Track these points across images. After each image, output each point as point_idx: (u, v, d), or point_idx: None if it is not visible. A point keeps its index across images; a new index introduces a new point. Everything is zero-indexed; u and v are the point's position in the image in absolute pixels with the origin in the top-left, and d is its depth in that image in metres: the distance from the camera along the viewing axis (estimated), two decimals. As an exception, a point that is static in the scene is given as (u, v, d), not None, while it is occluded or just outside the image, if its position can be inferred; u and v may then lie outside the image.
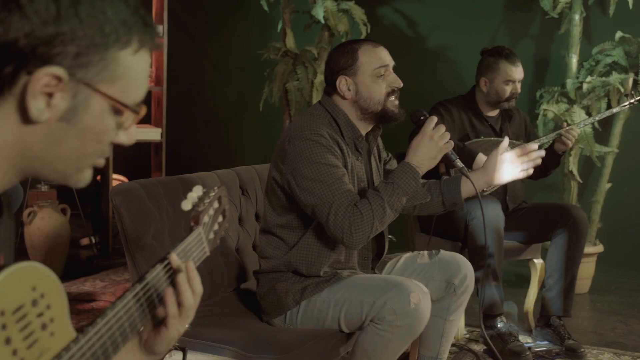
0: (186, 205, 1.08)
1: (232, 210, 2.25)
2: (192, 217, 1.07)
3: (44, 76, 0.76)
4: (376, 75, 1.97)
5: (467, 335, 3.01)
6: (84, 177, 0.86)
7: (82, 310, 3.07)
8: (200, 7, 5.21)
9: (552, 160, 3.03)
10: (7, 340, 0.71)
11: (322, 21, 3.96)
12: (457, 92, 3.32)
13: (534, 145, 2.19)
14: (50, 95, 0.77)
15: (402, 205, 1.88)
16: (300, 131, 1.90)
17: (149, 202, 1.87)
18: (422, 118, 2.01)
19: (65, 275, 3.61)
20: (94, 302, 3.17)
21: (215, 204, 1.14)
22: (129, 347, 1.00)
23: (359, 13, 4.08)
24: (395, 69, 2.14)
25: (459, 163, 2.01)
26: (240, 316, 1.97)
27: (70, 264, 3.77)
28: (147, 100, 4.66)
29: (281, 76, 4.17)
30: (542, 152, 2.16)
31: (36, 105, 0.76)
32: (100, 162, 0.87)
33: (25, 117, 0.77)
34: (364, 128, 2.03)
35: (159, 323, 1.00)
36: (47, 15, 0.75)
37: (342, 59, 1.98)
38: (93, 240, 4.06)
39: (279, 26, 4.22)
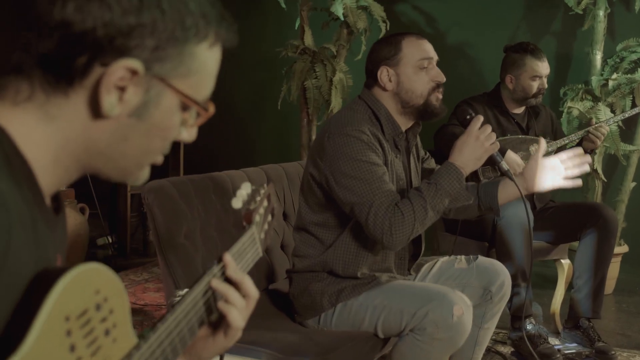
0: (236, 203, 1.03)
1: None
2: (245, 216, 1.02)
3: (120, 69, 0.71)
4: (419, 67, 1.91)
5: (494, 337, 2.95)
6: (143, 175, 0.82)
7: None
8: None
9: None
10: (72, 348, 0.67)
11: (342, 18, 3.91)
12: (477, 89, 3.26)
13: (580, 149, 2.06)
14: (123, 89, 0.72)
15: (445, 207, 1.83)
16: (341, 127, 1.84)
17: (181, 201, 1.83)
18: (467, 117, 1.96)
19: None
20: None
21: (265, 203, 1.09)
22: None
23: (378, 10, 4.03)
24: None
25: (505, 165, 1.95)
26: (272, 317, 1.93)
27: (87, 264, 3.73)
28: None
29: (299, 74, 4.12)
30: (589, 158, 2.04)
31: (109, 100, 0.72)
32: (160, 159, 0.82)
33: (95, 111, 0.72)
34: (404, 124, 1.98)
35: (214, 328, 0.95)
36: (129, 4, 0.70)
37: (384, 49, 1.93)
38: (110, 240, 4.03)
39: (297, 23, 4.18)
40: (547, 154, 2.95)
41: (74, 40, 0.69)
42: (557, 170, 2.01)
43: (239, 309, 0.92)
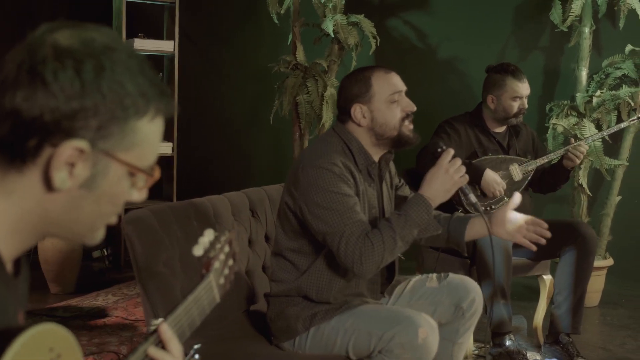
0: (198, 250, 1.10)
1: (242, 233, 2.27)
2: (204, 264, 1.09)
3: (68, 149, 0.79)
4: (390, 101, 1.98)
5: (476, 352, 3.02)
6: (98, 235, 0.89)
7: (94, 327, 3.11)
8: (211, 21, 5.25)
9: (561, 175, 3.04)
10: (25, 403, 0.74)
11: (332, 35, 3.99)
12: (467, 104, 3.33)
13: (545, 224, 2.08)
14: (72, 164, 0.80)
15: (414, 237, 1.90)
16: (314, 159, 1.92)
17: (160, 229, 1.90)
18: (438, 150, 2.03)
19: (78, 290, 3.65)
20: (106, 318, 3.21)
21: (226, 248, 1.16)
22: None
23: (368, 26, 4.10)
24: (405, 81, 2.16)
25: (473, 198, 2.01)
26: (250, 339, 2.00)
27: (82, 277, 3.81)
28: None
29: (291, 89, 4.20)
30: (548, 234, 2.08)
31: (59, 176, 0.80)
32: (114, 220, 0.90)
33: (48, 186, 0.80)
34: (377, 153, 2.05)
35: None
36: (71, 91, 0.78)
37: (355, 87, 2.00)
38: (105, 253, 4.10)
39: (289, 39, 4.25)
40: (527, 172, 3.02)
41: (24, 125, 0.77)
42: (520, 229, 2.07)
43: None
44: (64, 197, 0.82)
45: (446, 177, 1.90)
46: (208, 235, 1.14)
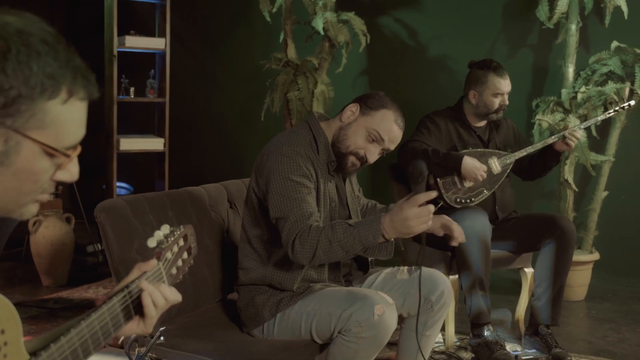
0: (151, 242, 1.19)
1: (219, 223, 2.33)
2: (155, 254, 1.17)
3: None
4: (368, 135, 2.05)
5: (458, 343, 3.06)
6: (28, 211, 0.94)
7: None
8: (203, 19, 5.32)
9: (552, 157, 3.05)
10: (-41, 362, 0.80)
11: (322, 32, 4.04)
12: (456, 100, 3.37)
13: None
14: None
15: (356, 251, 1.88)
16: (280, 146, 1.99)
17: (134, 218, 1.96)
18: (419, 181, 2.09)
19: (70, 282, 3.72)
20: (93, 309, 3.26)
21: (181, 242, 1.24)
22: None
23: (358, 24, 4.15)
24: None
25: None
26: (222, 328, 2.05)
27: (74, 271, 3.88)
28: (151, 110, 4.79)
29: (282, 86, 4.26)
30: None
31: None
32: (44, 198, 0.95)
33: None
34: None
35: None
36: None
37: (371, 100, 2.09)
38: (98, 248, 4.17)
39: (281, 37, 4.31)
40: (506, 165, 3.06)
41: None
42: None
43: (159, 307, 1.11)
44: None
45: (408, 224, 1.82)
46: (163, 229, 1.22)
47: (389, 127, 2.05)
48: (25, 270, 3.84)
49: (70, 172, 0.94)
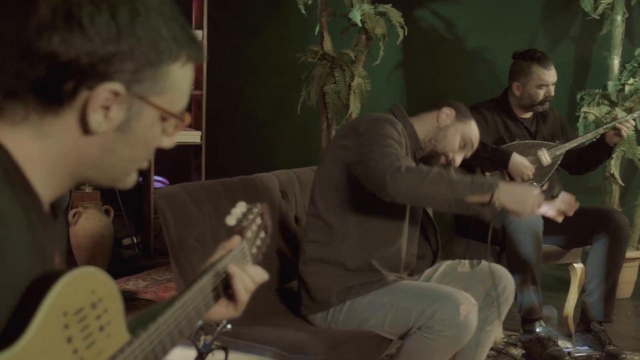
0: (230, 220, 1.14)
1: (273, 213, 2.28)
2: (236, 232, 1.12)
3: (104, 92, 0.80)
4: (463, 144, 2.15)
5: (506, 340, 2.99)
6: (131, 180, 0.92)
7: (125, 310, 3.15)
8: (239, 12, 5.28)
9: (604, 150, 2.98)
10: (69, 339, 0.76)
11: (360, 24, 3.98)
12: (494, 94, 3.30)
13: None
14: (107, 108, 0.81)
15: (462, 196, 1.79)
16: (375, 116, 2.03)
17: (192, 206, 1.92)
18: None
19: (109, 274, 3.70)
20: (136, 301, 3.25)
21: (258, 220, 1.19)
22: None
23: (395, 16, 4.09)
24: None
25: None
26: (282, 316, 2.01)
27: (113, 264, 3.86)
28: (188, 103, 4.73)
29: (318, 79, 4.20)
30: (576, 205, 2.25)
31: (96, 118, 0.81)
32: (145, 165, 0.92)
33: (85, 129, 0.82)
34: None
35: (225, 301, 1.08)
36: (107, 35, 0.79)
37: (463, 108, 2.19)
38: (135, 240, 4.15)
39: (317, 29, 4.26)
40: (556, 157, 2.99)
41: (61, 68, 0.79)
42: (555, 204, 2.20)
43: (249, 289, 1.08)
44: (99, 140, 0.83)
45: (528, 197, 1.83)
46: (240, 207, 1.18)
47: (478, 137, 2.19)
48: (65, 262, 3.83)
49: (172, 138, 0.91)
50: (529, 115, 3.07)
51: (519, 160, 2.83)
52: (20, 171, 0.80)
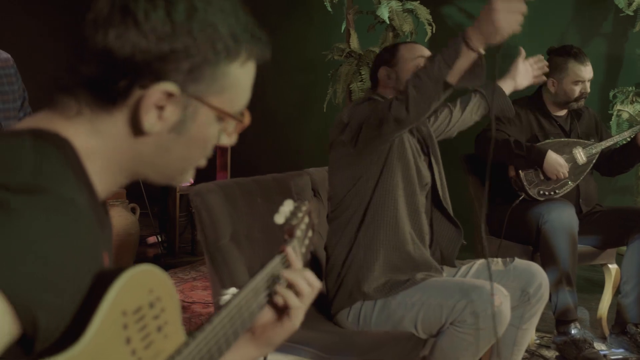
0: (279, 218, 1.10)
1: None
2: (286, 230, 1.09)
3: (157, 92, 0.77)
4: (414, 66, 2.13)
5: (538, 341, 2.94)
6: (187, 177, 0.88)
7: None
8: (260, 9, 5.25)
9: (636, 153, 2.92)
10: (128, 340, 0.73)
11: (388, 21, 3.94)
12: (523, 91, 3.24)
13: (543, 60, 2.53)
14: (161, 108, 0.78)
15: (444, 76, 1.73)
16: (352, 103, 2.09)
17: (227, 203, 1.90)
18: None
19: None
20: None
21: (306, 219, 1.16)
22: (236, 344, 1.02)
23: (424, 13, 4.04)
24: None
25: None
26: (313, 318, 1.97)
27: (138, 262, 3.85)
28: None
29: (345, 77, 4.17)
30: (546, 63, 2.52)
31: (148, 119, 0.78)
32: (203, 163, 0.89)
33: (137, 128, 0.79)
34: None
35: (278, 315, 1.03)
36: (162, 32, 0.76)
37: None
38: (159, 239, 4.15)
39: (343, 27, 4.22)
40: (592, 156, 2.92)
41: (115, 65, 0.76)
42: (528, 73, 2.45)
43: (304, 296, 1.02)
44: (154, 140, 0.80)
45: (497, 16, 1.65)
46: (288, 205, 1.14)
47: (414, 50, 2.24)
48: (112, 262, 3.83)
49: (232, 136, 0.88)
50: (563, 113, 3.02)
51: (554, 158, 2.78)
52: (83, 166, 0.78)
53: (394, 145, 1.97)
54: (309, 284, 1.03)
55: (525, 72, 2.43)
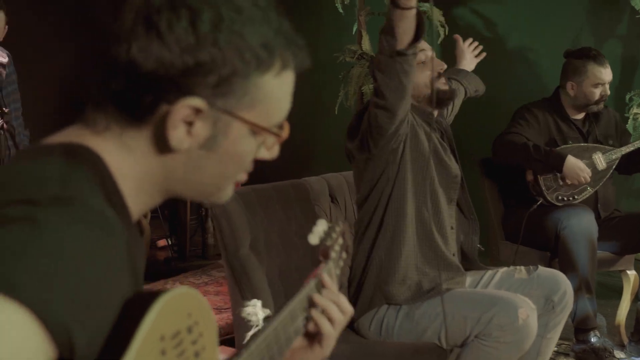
0: (313, 239, 1.07)
1: (322, 218, 2.23)
2: (321, 252, 1.06)
3: (184, 108, 0.73)
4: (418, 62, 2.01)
5: (556, 349, 2.89)
6: (226, 195, 0.84)
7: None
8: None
9: None
10: (166, 367, 0.69)
11: (400, 23, 3.90)
12: (537, 94, 3.21)
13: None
14: (190, 123, 0.74)
15: (393, 35, 1.79)
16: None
17: (246, 211, 1.86)
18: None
19: (145, 277, 3.66)
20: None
21: (340, 240, 1.13)
22: None
23: (437, 15, 4.00)
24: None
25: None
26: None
27: (149, 265, 3.81)
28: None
29: (357, 79, 4.13)
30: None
31: (176, 135, 0.74)
32: (243, 177, 0.85)
33: (166, 145, 0.75)
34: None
35: (309, 341, 1.00)
36: (186, 43, 0.71)
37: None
38: (170, 242, 4.12)
39: (354, 28, 4.19)
40: (612, 161, 2.88)
41: (140, 79, 0.72)
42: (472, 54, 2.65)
43: (336, 323, 0.99)
44: (184, 157, 0.76)
45: None
46: (322, 225, 1.11)
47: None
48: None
49: (273, 150, 0.84)
50: (581, 116, 2.98)
51: (574, 163, 2.74)
52: (116, 183, 0.74)
53: (407, 144, 1.95)
54: (342, 311, 0.99)
55: (470, 55, 2.64)
